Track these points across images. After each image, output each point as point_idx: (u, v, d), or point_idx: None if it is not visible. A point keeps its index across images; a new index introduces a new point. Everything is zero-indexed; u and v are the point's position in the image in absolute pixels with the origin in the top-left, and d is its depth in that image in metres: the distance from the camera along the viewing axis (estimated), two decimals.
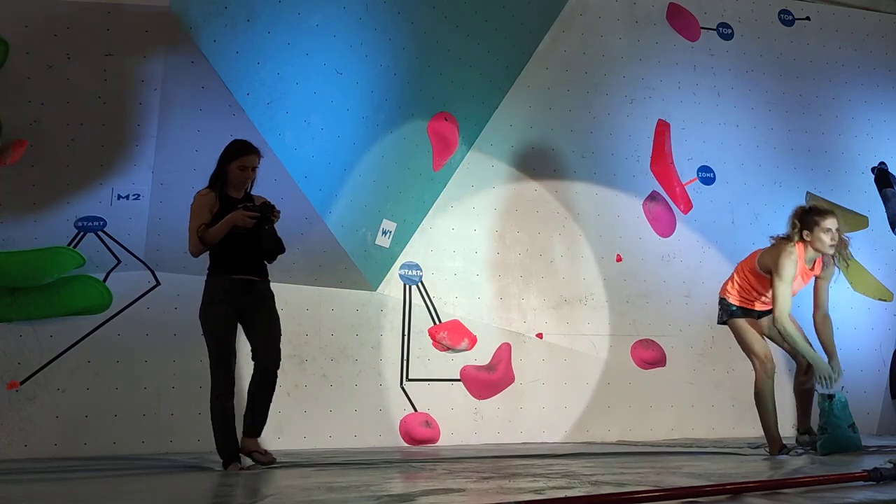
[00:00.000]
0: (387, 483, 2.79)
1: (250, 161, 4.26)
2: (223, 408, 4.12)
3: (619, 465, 3.52)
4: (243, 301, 4.16)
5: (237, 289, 4.15)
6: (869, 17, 7.89)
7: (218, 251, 4.17)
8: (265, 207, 4.17)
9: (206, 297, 4.14)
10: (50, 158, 5.30)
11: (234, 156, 4.28)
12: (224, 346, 4.13)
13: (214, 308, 4.11)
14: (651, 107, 7.04)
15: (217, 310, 4.11)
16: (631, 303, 6.63)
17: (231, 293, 4.14)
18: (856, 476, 2.30)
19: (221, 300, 4.11)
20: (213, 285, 4.15)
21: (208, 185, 4.28)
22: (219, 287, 4.14)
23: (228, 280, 4.15)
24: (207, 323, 4.13)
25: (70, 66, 5.13)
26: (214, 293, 4.13)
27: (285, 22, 5.54)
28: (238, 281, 4.16)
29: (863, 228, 7.30)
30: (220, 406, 4.10)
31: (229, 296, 4.12)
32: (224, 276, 4.15)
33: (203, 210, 4.18)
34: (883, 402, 6.95)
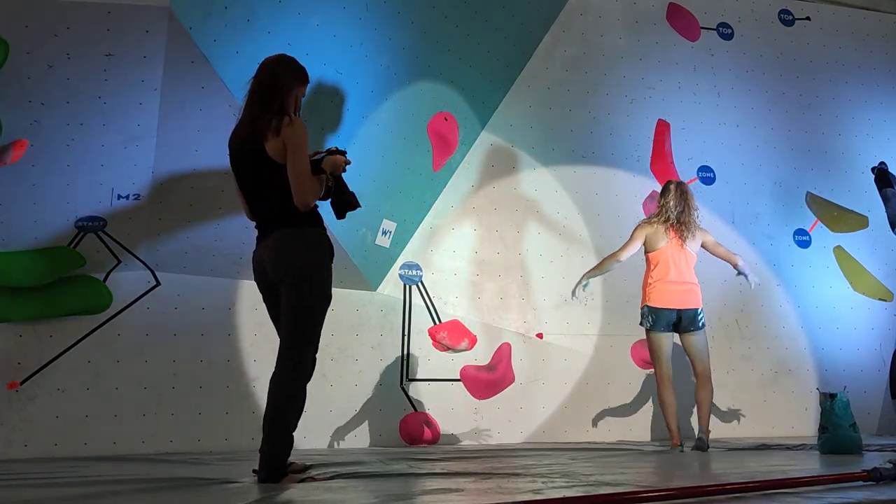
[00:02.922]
0: (386, 483, 2.79)
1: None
2: (304, 394, 3.07)
3: (619, 464, 3.52)
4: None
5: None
6: (869, 16, 7.89)
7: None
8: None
9: (318, 252, 3.05)
10: (50, 158, 5.30)
11: (303, 79, 3.21)
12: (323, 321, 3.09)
13: (329, 269, 3.09)
14: (651, 107, 7.04)
15: (330, 271, 3.10)
16: (631, 302, 6.61)
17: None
18: (856, 476, 2.30)
19: (330, 261, 3.12)
20: (323, 239, 3.09)
21: (285, 114, 3.06)
22: (328, 243, 3.12)
23: (327, 238, 3.15)
24: (325, 285, 3.07)
25: (70, 66, 5.14)
26: (326, 249, 3.10)
27: (285, 22, 5.55)
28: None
29: (863, 228, 7.31)
30: (304, 390, 3.06)
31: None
32: (324, 229, 3.14)
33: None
34: (883, 402, 6.95)
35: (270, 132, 2.94)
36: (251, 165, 3.02)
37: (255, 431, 5.57)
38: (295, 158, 2.94)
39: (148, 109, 5.35)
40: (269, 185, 3.00)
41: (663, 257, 4.94)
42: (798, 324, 6.96)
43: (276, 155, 2.95)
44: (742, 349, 6.79)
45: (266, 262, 3.03)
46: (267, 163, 2.96)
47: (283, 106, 3.03)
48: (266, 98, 3.02)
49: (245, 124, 3.05)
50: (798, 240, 7.16)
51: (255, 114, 3.02)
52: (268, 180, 3.00)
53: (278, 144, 2.93)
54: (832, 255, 7.20)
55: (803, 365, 6.87)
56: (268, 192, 3.02)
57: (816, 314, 7.03)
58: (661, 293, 4.83)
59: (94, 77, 5.22)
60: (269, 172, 2.97)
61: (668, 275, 4.89)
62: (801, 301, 7.03)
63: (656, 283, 4.90)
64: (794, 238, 7.16)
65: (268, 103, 3.00)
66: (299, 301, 2.96)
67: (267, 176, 2.99)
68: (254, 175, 3.03)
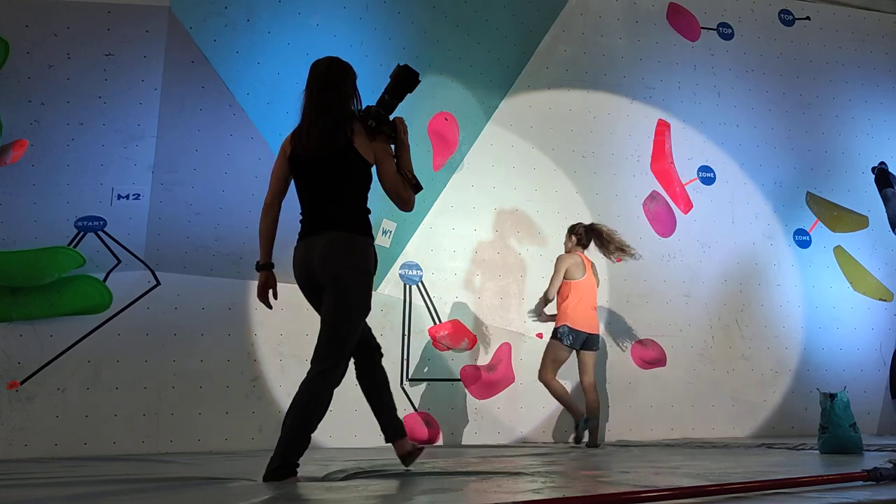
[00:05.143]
0: (386, 483, 2.79)
1: None
2: (330, 398, 3.05)
3: (618, 464, 3.52)
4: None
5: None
6: (869, 16, 7.89)
7: (366, 203, 3.13)
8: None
9: (367, 261, 3.02)
10: (50, 158, 5.31)
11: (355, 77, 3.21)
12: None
13: (372, 280, 3.09)
14: (651, 107, 7.04)
15: (372, 282, 3.11)
16: (631, 303, 6.63)
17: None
18: (855, 476, 2.30)
19: (374, 272, 3.12)
20: (372, 249, 3.07)
21: (355, 116, 3.07)
22: (375, 253, 3.11)
23: (374, 249, 3.14)
24: (367, 296, 3.05)
25: (70, 66, 5.15)
26: (374, 260, 3.09)
27: (285, 22, 5.56)
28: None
29: (863, 228, 7.31)
30: (330, 394, 3.04)
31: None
32: (373, 239, 3.14)
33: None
34: (883, 402, 6.95)
35: (359, 136, 2.96)
36: (335, 165, 2.97)
37: (255, 431, 5.61)
38: (392, 166, 3.01)
39: (148, 109, 5.36)
40: (346, 184, 2.99)
41: (584, 286, 5.51)
42: (798, 324, 6.96)
43: (366, 154, 2.97)
44: (742, 349, 6.79)
45: (314, 262, 2.99)
46: (358, 163, 2.97)
47: (351, 108, 3.05)
48: (341, 101, 3.02)
49: (322, 126, 2.99)
50: (798, 240, 7.16)
51: (334, 115, 2.99)
52: (348, 180, 2.99)
53: (369, 149, 2.97)
54: (832, 255, 7.20)
55: (803, 365, 6.87)
56: (340, 192, 3.00)
57: (817, 314, 7.03)
58: (581, 317, 5.43)
59: (95, 77, 5.23)
60: (354, 171, 2.98)
61: (590, 302, 5.52)
62: (801, 301, 7.04)
63: (577, 307, 5.45)
64: (795, 238, 7.16)
65: (342, 107, 3.01)
66: (341, 307, 2.96)
67: (349, 175, 2.99)
68: (334, 174, 2.98)
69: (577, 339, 5.41)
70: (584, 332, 5.44)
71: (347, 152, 2.96)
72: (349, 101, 3.05)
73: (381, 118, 3.00)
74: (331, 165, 2.97)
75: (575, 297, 5.45)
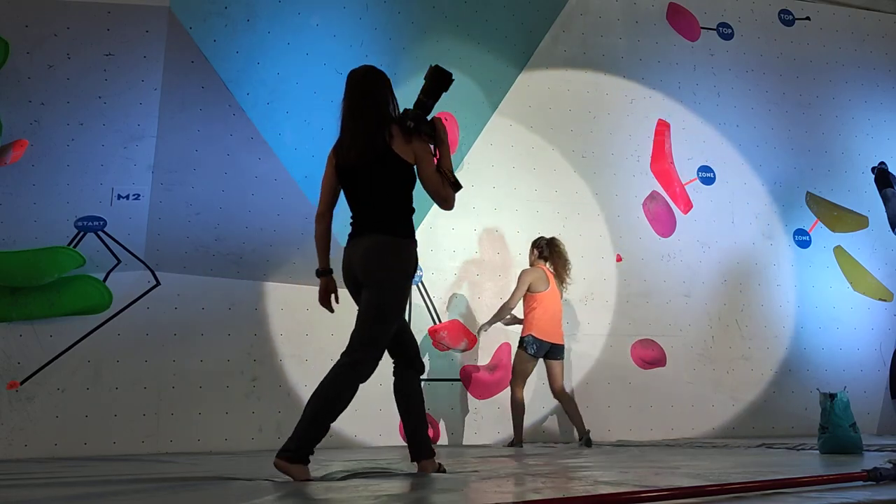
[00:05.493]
0: (385, 483, 2.79)
1: None
2: (353, 392, 3.05)
3: (618, 464, 3.52)
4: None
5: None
6: (869, 16, 7.89)
7: (410, 204, 3.15)
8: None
9: (407, 264, 3.06)
10: (50, 158, 5.31)
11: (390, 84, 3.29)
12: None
13: (410, 283, 3.15)
14: (651, 106, 7.04)
15: (410, 285, 3.18)
16: (631, 302, 6.63)
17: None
18: (855, 476, 2.29)
19: (413, 274, 3.15)
20: (413, 252, 3.10)
21: (394, 120, 3.12)
22: (416, 256, 3.13)
23: (416, 252, 3.16)
24: (404, 297, 3.09)
25: (70, 66, 5.15)
26: (414, 263, 3.11)
27: (285, 22, 5.56)
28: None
29: (863, 228, 7.31)
30: (355, 388, 3.05)
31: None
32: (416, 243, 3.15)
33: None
34: (883, 402, 6.95)
35: (397, 139, 3.03)
36: (376, 170, 3.04)
37: (255, 432, 5.61)
38: (430, 165, 3.07)
39: (148, 109, 5.36)
40: (388, 187, 3.06)
41: (549, 298, 5.66)
42: (798, 324, 6.96)
43: (405, 156, 3.04)
44: (742, 349, 6.79)
45: (357, 260, 3.06)
46: (399, 165, 3.04)
47: (389, 112, 3.12)
48: (379, 106, 3.10)
49: (360, 134, 3.05)
50: (798, 240, 7.16)
51: (372, 122, 3.05)
52: (390, 183, 3.05)
53: (408, 150, 3.03)
54: (832, 255, 7.20)
55: (803, 365, 6.87)
56: (382, 196, 3.06)
57: (816, 314, 7.03)
58: (547, 328, 5.60)
59: (95, 77, 5.23)
60: (395, 174, 3.04)
61: (554, 313, 5.68)
62: (801, 301, 7.04)
63: (543, 318, 5.61)
64: (794, 238, 7.16)
65: (380, 112, 3.08)
66: (375, 307, 3.02)
67: (390, 178, 3.05)
68: (376, 179, 3.05)
69: (540, 348, 5.58)
70: (549, 341, 5.61)
71: (386, 156, 3.02)
72: (386, 105, 3.13)
73: (419, 119, 3.06)
74: (372, 171, 3.04)
75: (541, 309, 5.63)
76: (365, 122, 3.05)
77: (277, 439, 5.56)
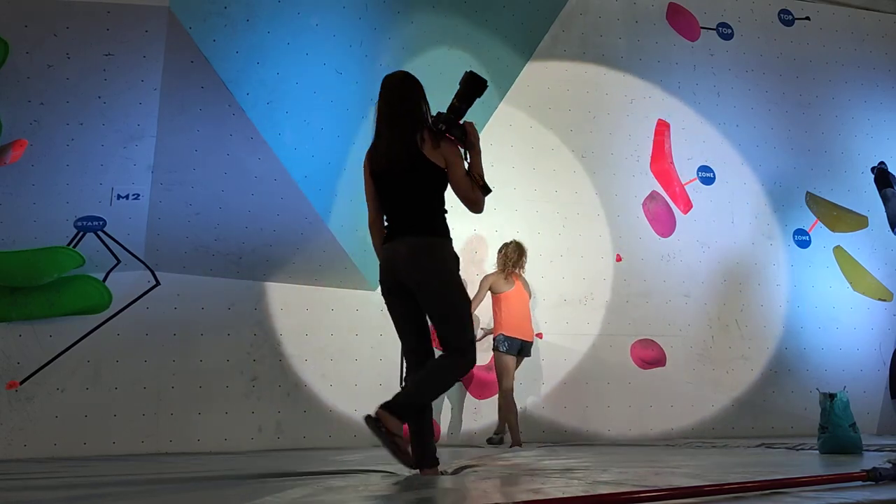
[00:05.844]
0: (385, 483, 2.79)
1: None
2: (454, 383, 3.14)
3: (618, 464, 3.52)
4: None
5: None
6: (869, 16, 7.89)
7: (443, 205, 3.23)
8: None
9: (455, 261, 3.14)
10: (50, 158, 5.31)
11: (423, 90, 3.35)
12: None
13: (457, 273, 3.18)
14: (651, 106, 7.04)
15: (459, 275, 3.22)
16: (631, 302, 6.63)
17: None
18: (855, 476, 2.29)
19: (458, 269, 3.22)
20: (451, 249, 3.17)
21: (427, 125, 3.17)
22: (454, 252, 3.20)
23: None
24: (461, 287, 3.17)
25: (70, 66, 5.15)
26: (456, 260, 3.17)
27: (285, 22, 5.55)
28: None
29: (862, 228, 7.31)
30: (456, 381, 3.19)
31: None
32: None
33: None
34: (883, 402, 6.95)
35: (428, 143, 3.07)
36: (409, 173, 3.10)
37: (255, 432, 5.61)
38: (460, 169, 3.13)
39: (148, 109, 5.36)
40: (421, 190, 3.13)
41: (513, 297, 5.79)
42: (798, 324, 6.96)
43: (436, 160, 3.09)
44: (742, 349, 6.79)
45: (399, 267, 3.08)
46: (431, 170, 3.10)
47: (424, 118, 3.16)
48: (413, 112, 3.15)
49: (393, 139, 3.11)
50: (798, 240, 7.16)
51: (404, 127, 3.11)
52: (422, 186, 3.12)
53: (438, 155, 3.09)
54: (832, 255, 7.20)
55: (803, 365, 6.87)
56: (416, 198, 3.13)
57: (816, 314, 7.03)
58: (514, 326, 5.73)
59: (94, 77, 5.23)
60: (427, 177, 3.11)
61: (520, 311, 5.79)
62: (800, 301, 7.04)
63: (509, 317, 5.75)
64: (794, 238, 7.15)
65: (414, 118, 3.13)
66: (447, 306, 3.08)
67: (423, 181, 3.11)
68: (409, 182, 3.12)
69: (512, 345, 5.69)
70: (519, 338, 5.72)
71: (418, 161, 3.07)
72: (419, 111, 3.16)
73: (451, 123, 3.10)
74: (406, 176, 3.10)
75: (505, 309, 5.76)
76: (400, 129, 3.11)
77: (277, 439, 5.57)
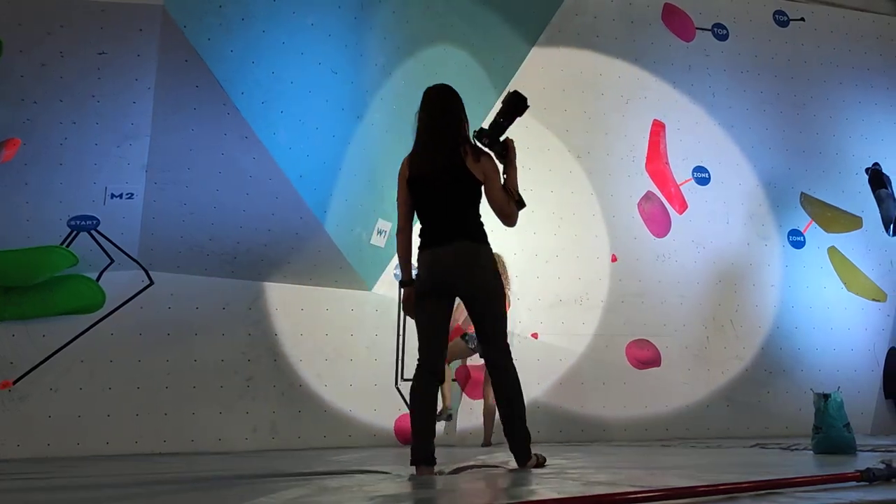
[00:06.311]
0: (380, 483, 2.78)
1: None
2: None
3: (613, 464, 3.52)
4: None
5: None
6: (863, 17, 7.91)
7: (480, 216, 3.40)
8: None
9: (494, 266, 3.36)
10: (43, 157, 5.29)
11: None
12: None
13: (500, 278, 3.43)
14: (646, 107, 7.04)
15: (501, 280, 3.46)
16: (626, 302, 6.63)
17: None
18: (848, 476, 2.29)
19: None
20: (492, 254, 3.39)
21: (469, 139, 3.36)
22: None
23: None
24: (504, 291, 3.41)
25: (63, 65, 5.13)
26: (495, 263, 3.40)
27: (280, 21, 5.54)
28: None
29: (857, 229, 7.32)
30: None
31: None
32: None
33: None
34: (877, 402, 6.96)
35: (470, 157, 3.24)
36: (453, 183, 3.26)
37: (249, 432, 5.59)
38: (498, 183, 3.30)
39: (142, 108, 5.34)
40: (465, 199, 3.29)
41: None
42: (792, 324, 6.97)
43: (477, 173, 3.26)
44: (737, 349, 6.79)
45: (446, 269, 3.22)
46: (472, 181, 3.27)
47: (466, 132, 3.34)
48: (456, 125, 3.33)
49: (440, 150, 3.26)
50: (792, 240, 7.17)
51: (449, 141, 3.28)
52: (465, 195, 3.28)
53: (478, 168, 3.26)
54: (826, 256, 7.21)
55: (797, 365, 6.88)
56: (459, 207, 3.29)
57: (811, 314, 7.04)
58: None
59: (88, 76, 5.21)
60: (469, 188, 3.28)
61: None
62: (795, 301, 7.05)
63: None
64: (789, 239, 7.17)
65: (458, 131, 3.31)
66: (501, 309, 3.32)
67: (465, 191, 3.28)
68: (453, 191, 3.27)
69: (479, 345, 5.62)
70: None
71: (461, 171, 3.23)
72: (461, 124, 3.34)
73: (493, 138, 3.29)
74: (449, 183, 3.25)
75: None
76: (444, 140, 3.26)
77: (272, 439, 5.56)
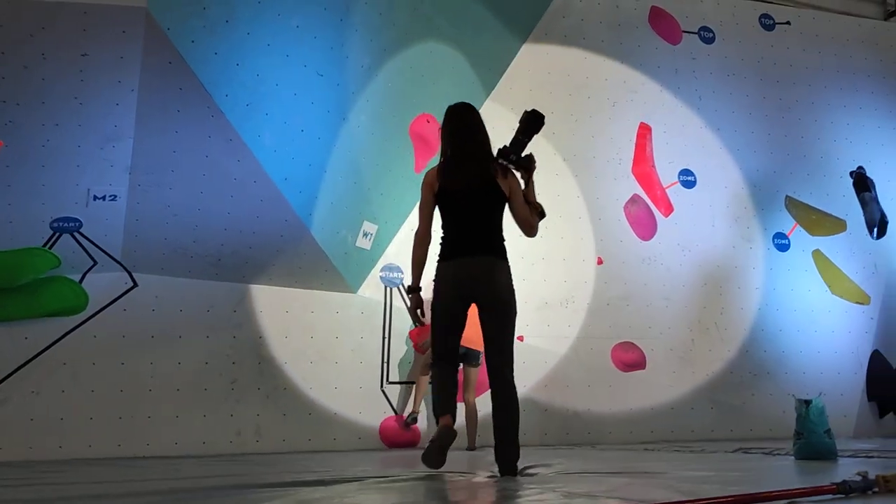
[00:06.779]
0: (361, 494, 2.77)
1: None
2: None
3: (594, 473, 3.53)
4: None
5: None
6: (849, 21, 7.94)
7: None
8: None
9: (512, 283, 3.52)
10: (25, 159, 5.24)
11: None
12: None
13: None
14: (633, 110, 7.05)
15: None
16: (612, 305, 6.65)
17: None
18: (825, 489, 2.31)
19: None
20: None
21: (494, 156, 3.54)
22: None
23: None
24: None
25: (46, 67, 5.09)
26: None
27: (265, 23, 5.51)
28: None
29: (841, 232, 7.37)
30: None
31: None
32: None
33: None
34: (859, 405, 7.01)
35: (499, 173, 3.45)
36: (482, 197, 3.44)
37: (233, 435, 5.57)
38: (521, 199, 3.51)
39: (125, 110, 5.31)
40: (492, 213, 3.48)
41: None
42: (777, 327, 7.01)
43: (504, 187, 3.46)
44: (722, 352, 6.82)
45: (474, 280, 3.41)
46: (501, 195, 3.46)
47: (491, 149, 3.52)
48: (487, 142, 3.54)
49: (472, 165, 3.46)
50: (777, 243, 7.21)
51: (482, 155, 3.48)
52: (493, 210, 3.47)
53: (505, 184, 3.47)
54: (811, 259, 7.25)
55: (781, 367, 6.92)
56: (488, 220, 3.47)
57: (795, 317, 7.08)
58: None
59: (70, 77, 5.17)
60: (497, 202, 3.47)
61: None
62: (779, 304, 7.08)
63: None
64: (774, 241, 7.20)
65: (487, 149, 3.51)
66: (513, 324, 3.46)
67: (494, 205, 3.46)
68: (482, 205, 3.45)
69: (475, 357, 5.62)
70: (463, 346, 5.64)
71: (492, 186, 3.42)
72: (489, 142, 3.53)
73: (518, 154, 3.51)
74: (480, 198, 3.43)
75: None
76: (476, 156, 3.46)
77: (256, 442, 5.54)
